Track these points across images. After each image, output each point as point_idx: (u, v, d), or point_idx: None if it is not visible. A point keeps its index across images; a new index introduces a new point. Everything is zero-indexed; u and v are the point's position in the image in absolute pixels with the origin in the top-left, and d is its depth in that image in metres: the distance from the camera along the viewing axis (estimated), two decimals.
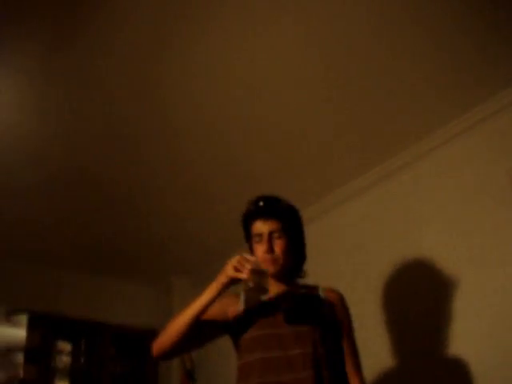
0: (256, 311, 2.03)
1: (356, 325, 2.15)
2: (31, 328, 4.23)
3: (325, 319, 2.04)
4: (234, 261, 1.95)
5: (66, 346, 4.56)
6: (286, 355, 1.91)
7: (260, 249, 2.06)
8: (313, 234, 2.41)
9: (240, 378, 1.98)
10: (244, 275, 1.90)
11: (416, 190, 3.05)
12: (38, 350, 4.20)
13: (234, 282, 1.95)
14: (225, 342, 4.06)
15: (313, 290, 2.15)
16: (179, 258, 4.51)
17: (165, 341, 2.01)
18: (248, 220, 2.15)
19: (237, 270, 1.92)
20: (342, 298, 2.17)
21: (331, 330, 2.04)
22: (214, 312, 2.06)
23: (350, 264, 3.29)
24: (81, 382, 4.43)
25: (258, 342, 1.96)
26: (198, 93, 2.74)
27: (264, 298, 2.00)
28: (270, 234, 2.07)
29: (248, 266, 1.90)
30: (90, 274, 4.59)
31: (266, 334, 1.97)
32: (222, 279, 1.97)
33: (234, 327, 2.07)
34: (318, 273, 2.22)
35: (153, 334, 4.51)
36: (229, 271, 1.94)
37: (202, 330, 2.04)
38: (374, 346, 2.64)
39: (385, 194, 3.25)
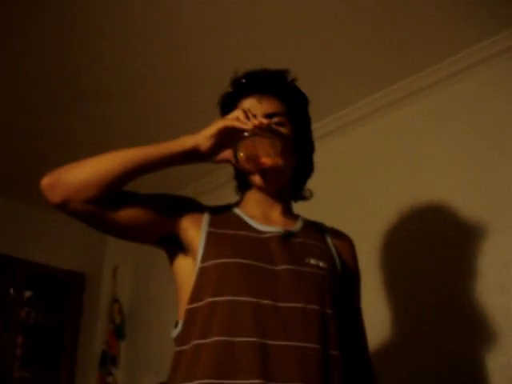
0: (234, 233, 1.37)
1: None
2: None
3: (335, 267, 1.42)
4: (235, 112, 1.32)
5: None
6: (276, 307, 1.24)
7: None
8: None
9: (188, 329, 1.28)
10: (247, 126, 1.27)
11: (425, 125, 2.65)
12: None
13: (227, 137, 1.30)
14: (158, 290, 3.82)
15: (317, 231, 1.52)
16: None
17: (78, 176, 1.25)
18: (231, 101, 1.45)
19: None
20: (353, 245, 1.58)
21: (342, 283, 1.42)
22: (175, 200, 1.41)
23: (342, 209, 2.82)
24: None
25: (234, 274, 1.27)
26: None
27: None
28: (268, 118, 1.38)
29: (256, 120, 1.29)
30: (2, 198, 3.94)
31: (249, 265, 1.29)
32: (208, 131, 1.30)
33: (193, 235, 1.35)
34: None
35: (79, 278, 4.11)
36: (225, 120, 1.31)
37: (141, 205, 1.33)
38: (372, 308, 2.10)
39: (389, 124, 2.82)
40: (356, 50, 2.54)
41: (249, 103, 1.41)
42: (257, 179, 1.41)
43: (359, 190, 2.81)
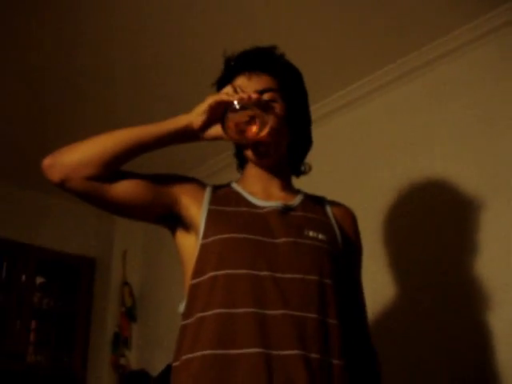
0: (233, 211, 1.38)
1: None
2: None
3: (335, 239, 1.42)
4: (225, 88, 1.38)
5: None
6: (275, 278, 1.27)
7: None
8: None
9: (192, 303, 1.31)
10: (234, 98, 1.31)
11: (428, 101, 2.61)
12: None
13: (218, 113, 1.32)
14: (167, 272, 3.83)
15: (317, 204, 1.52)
16: None
17: (75, 155, 1.29)
18: (225, 81, 1.46)
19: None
20: (354, 217, 1.57)
21: (343, 256, 1.43)
22: (176, 178, 1.43)
23: (345, 185, 2.77)
24: None
25: (233, 248, 1.30)
26: None
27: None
28: (259, 94, 1.38)
29: (244, 94, 1.33)
30: (13, 186, 3.93)
31: (248, 239, 1.31)
32: (199, 107, 1.33)
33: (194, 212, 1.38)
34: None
35: (89, 262, 4.12)
36: (214, 95, 1.34)
37: (141, 187, 1.36)
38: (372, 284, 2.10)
39: (390, 102, 2.78)
40: (356, 29, 2.52)
41: (239, 81, 1.42)
42: (249, 153, 1.43)
43: (362, 166, 2.80)
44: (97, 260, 4.21)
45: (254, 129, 1.32)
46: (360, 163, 2.82)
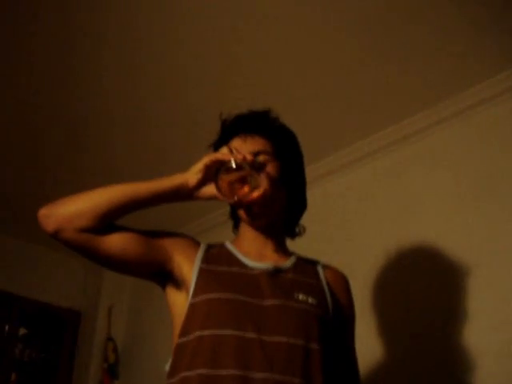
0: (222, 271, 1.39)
1: None
2: None
3: (325, 304, 1.42)
4: (221, 149, 1.42)
5: None
6: (261, 341, 1.25)
7: None
8: None
9: (177, 362, 1.30)
10: (229, 157, 1.35)
11: (417, 168, 2.68)
12: None
13: (213, 172, 1.36)
14: (153, 329, 3.75)
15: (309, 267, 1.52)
16: None
17: (70, 207, 1.32)
18: (221, 143, 1.49)
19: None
20: (347, 282, 1.57)
21: (333, 321, 1.42)
22: (170, 235, 1.45)
23: (332, 249, 2.76)
24: None
25: (220, 309, 1.30)
26: None
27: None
28: (253, 156, 1.43)
29: (240, 155, 1.36)
30: (1, 235, 3.91)
31: (236, 300, 1.31)
32: (195, 167, 1.38)
33: (184, 271, 1.39)
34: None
35: (75, 315, 4.03)
36: (210, 155, 1.38)
37: (136, 242, 1.37)
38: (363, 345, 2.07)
39: (382, 167, 2.83)
40: (349, 96, 2.56)
41: (235, 143, 1.45)
42: (242, 213, 1.45)
43: (352, 230, 2.81)
44: (82, 313, 4.14)
45: (246, 189, 1.34)
46: (350, 227, 2.83)
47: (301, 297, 1.36)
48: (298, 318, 1.32)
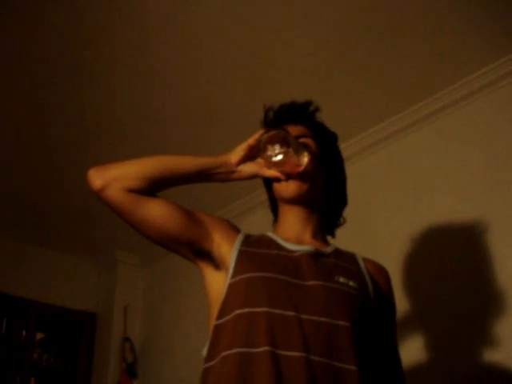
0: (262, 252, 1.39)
1: None
2: None
3: (366, 288, 1.41)
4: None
5: None
6: (300, 319, 1.24)
7: None
8: None
9: (216, 343, 1.29)
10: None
11: (433, 150, 2.69)
12: None
13: (255, 152, 1.43)
14: (169, 328, 3.76)
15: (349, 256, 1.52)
16: (126, 230, 3.74)
17: (119, 168, 1.39)
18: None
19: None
20: (388, 274, 1.55)
21: (375, 306, 1.41)
22: (209, 215, 1.47)
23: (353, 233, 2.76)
24: None
25: (258, 287, 1.30)
26: None
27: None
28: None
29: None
30: (13, 240, 3.93)
31: (275, 278, 1.31)
32: (239, 146, 1.45)
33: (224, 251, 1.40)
34: None
35: (90, 317, 4.07)
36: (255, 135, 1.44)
37: (177, 217, 1.39)
38: None
39: (397, 151, 2.85)
40: (362, 81, 2.58)
41: None
42: (282, 187, 1.46)
43: (370, 214, 2.82)
44: (98, 315, 4.17)
45: (290, 161, 1.39)
46: (367, 210, 2.84)
47: (342, 279, 1.36)
48: (338, 299, 1.31)
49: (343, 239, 1.63)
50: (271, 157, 1.40)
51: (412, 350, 2.31)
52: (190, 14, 2.25)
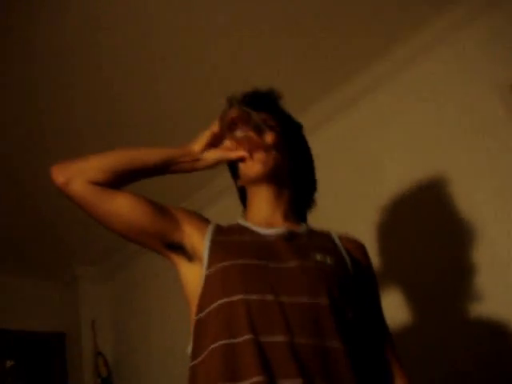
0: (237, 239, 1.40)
1: None
2: None
3: (344, 264, 1.42)
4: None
5: None
6: (279, 302, 1.24)
7: None
8: None
9: (200, 338, 1.27)
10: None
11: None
12: None
13: (218, 138, 1.47)
14: (141, 338, 3.74)
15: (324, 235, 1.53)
16: (83, 243, 3.83)
17: (81, 163, 1.39)
18: None
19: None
20: (364, 247, 1.57)
21: (352, 280, 1.41)
22: (177, 208, 1.46)
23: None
24: None
25: (235, 275, 1.29)
26: None
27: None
28: None
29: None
30: None
31: (251, 265, 1.30)
32: (203, 134, 1.48)
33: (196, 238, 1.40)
34: None
35: (59, 338, 4.03)
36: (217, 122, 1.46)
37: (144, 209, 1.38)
38: None
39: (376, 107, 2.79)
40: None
41: None
42: (249, 166, 1.46)
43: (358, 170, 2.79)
44: (66, 334, 4.12)
45: (255, 141, 1.44)
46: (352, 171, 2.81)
47: (319, 257, 1.35)
48: (317, 278, 1.31)
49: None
50: (236, 136, 1.42)
51: (395, 309, 2.28)
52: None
